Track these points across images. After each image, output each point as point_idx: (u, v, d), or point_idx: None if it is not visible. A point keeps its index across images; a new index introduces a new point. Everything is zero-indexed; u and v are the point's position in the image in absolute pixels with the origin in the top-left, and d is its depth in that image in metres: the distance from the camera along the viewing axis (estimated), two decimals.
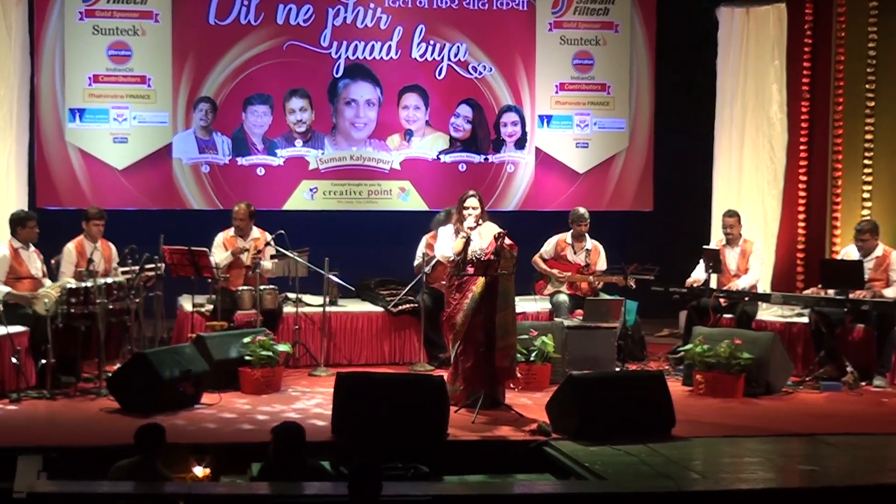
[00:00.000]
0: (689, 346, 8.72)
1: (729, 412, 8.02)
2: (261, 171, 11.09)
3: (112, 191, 10.70)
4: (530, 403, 8.09)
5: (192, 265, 9.06)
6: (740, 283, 9.41)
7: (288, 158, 11.12)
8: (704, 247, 9.73)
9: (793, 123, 10.58)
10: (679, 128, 11.56)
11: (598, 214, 10.45)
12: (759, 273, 9.52)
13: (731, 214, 9.57)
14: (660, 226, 11.64)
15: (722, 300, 9.43)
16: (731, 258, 9.55)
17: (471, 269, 7.82)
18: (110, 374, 7.93)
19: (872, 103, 10.01)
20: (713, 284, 9.43)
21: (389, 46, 11.07)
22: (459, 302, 7.88)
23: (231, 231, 9.63)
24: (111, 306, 8.21)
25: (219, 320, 9.06)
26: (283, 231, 9.29)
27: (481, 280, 7.77)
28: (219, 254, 9.46)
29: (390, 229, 11.16)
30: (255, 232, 9.65)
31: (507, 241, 7.83)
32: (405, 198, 11.33)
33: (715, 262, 9.33)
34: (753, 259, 9.47)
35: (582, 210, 9.95)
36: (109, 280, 8.38)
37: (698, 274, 9.44)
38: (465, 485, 6.22)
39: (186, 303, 9.49)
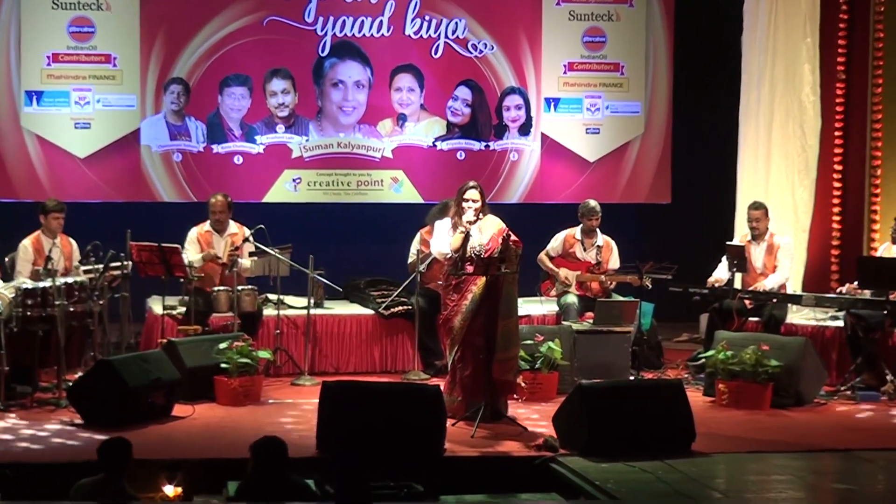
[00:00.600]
0: (710, 353, 8.75)
1: (755, 425, 8.03)
2: (238, 160, 11.13)
3: (73, 181, 10.73)
4: (535, 415, 8.12)
5: (162, 263, 9.05)
6: (767, 283, 9.43)
7: (268, 146, 11.14)
8: (728, 243, 9.75)
9: (827, 107, 10.62)
10: (700, 112, 11.60)
11: (610, 207, 10.45)
12: (788, 271, 9.54)
13: (758, 207, 9.60)
14: (678, 220, 11.68)
15: (747, 302, 9.44)
16: (757, 255, 9.57)
17: (470, 268, 7.84)
18: (71, 384, 7.94)
19: None
20: (737, 284, 9.46)
21: (381, 22, 11.11)
22: (457, 303, 7.91)
23: (206, 225, 9.65)
24: (72, 309, 8.22)
25: (192, 324, 9.09)
26: (262, 226, 9.29)
27: (482, 279, 7.80)
28: (192, 251, 9.47)
29: (381, 224, 11.19)
30: (233, 227, 9.66)
31: (511, 235, 7.91)
32: (398, 189, 11.35)
33: (739, 260, 9.34)
34: (782, 255, 9.50)
35: (592, 203, 9.95)
36: (70, 280, 8.39)
37: (721, 273, 9.46)
38: None
39: (156, 305, 9.50)
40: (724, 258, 9.45)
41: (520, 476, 6.87)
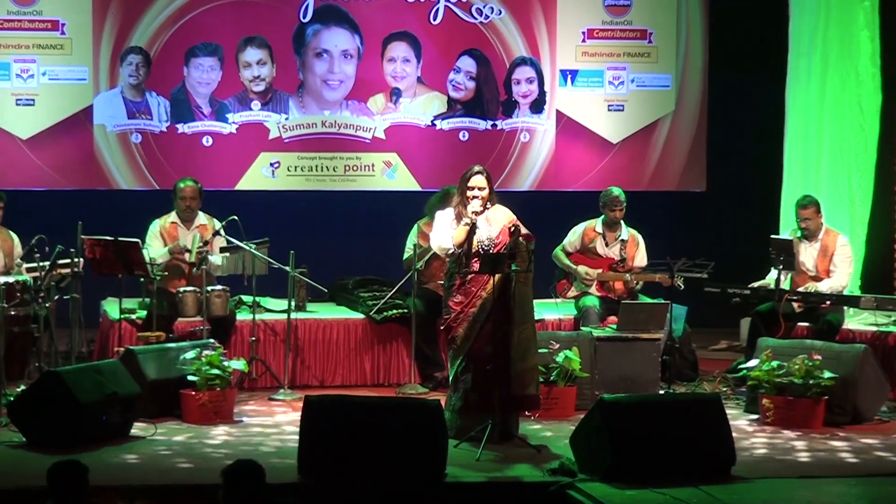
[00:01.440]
0: (753, 363, 8.73)
1: (805, 446, 8.00)
2: (207, 142, 11.18)
3: (14, 166, 10.80)
4: (550, 435, 8.13)
5: (119, 260, 9.02)
6: (822, 287, 9.48)
7: (242, 125, 11.18)
8: (773, 236, 9.76)
9: (889, 80, 10.62)
10: (740, 86, 11.65)
11: (636, 196, 10.42)
12: (846, 278, 9.57)
13: (807, 204, 9.60)
14: (715, 211, 11.71)
15: (796, 304, 9.47)
16: (808, 256, 9.62)
17: (476, 265, 7.86)
18: (13, 399, 7.87)
19: None
20: (785, 284, 9.49)
21: None
22: (463, 309, 7.94)
23: (172, 216, 9.67)
24: (13, 312, 8.26)
25: (154, 330, 9.09)
26: (236, 217, 9.29)
27: (491, 283, 7.84)
28: (154, 246, 9.49)
29: (373, 215, 11.26)
30: (201, 218, 9.69)
31: (522, 230, 7.91)
32: (392, 175, 11.37)
33: (786, 256, 9.35)
34: (839, 259, 9.52)
35: (616, 191, 9.93)
36: (10, 279, 8.42)
37: (770, 277, 9.52)
38: None
39: (112, 308, 9.49)
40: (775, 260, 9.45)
41: None
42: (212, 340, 8.88)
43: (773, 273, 9.47)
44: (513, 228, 7.77)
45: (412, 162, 11.37)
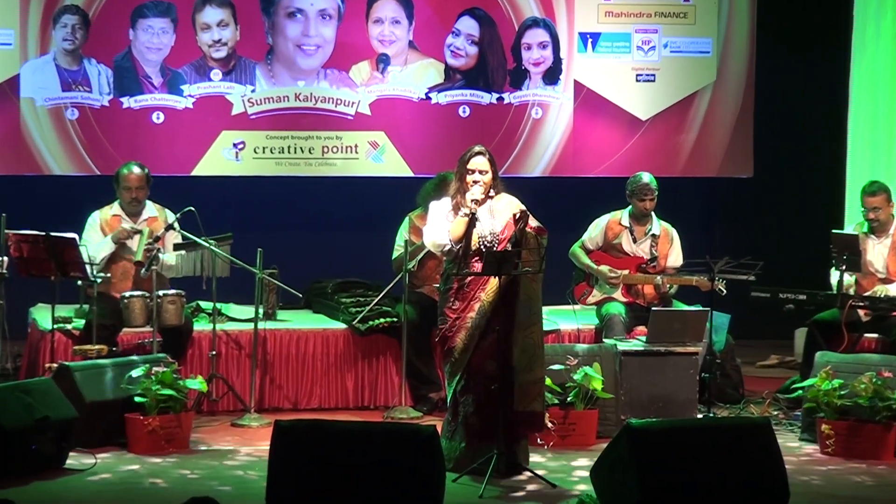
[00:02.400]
0: (810, 382, 8.71)
1: (873, 480, 7.97)
2: (158, 118, 11.17)
3: None
4: (566, 465, 8.14)
5: (51, 259, 8.98)
6: (893, 292, 9.49)
7: (200, 99, 11.16)
8: (835, 231, 9.74)
9: None
10: (795, 52, 11.68)
11: (670, 183, 10.42)
12: None
13: (876, 191, 9.63)
14: (764, 201, 11.76)
15: (862, 312, 9.46)
16: (877, 254, 9.64)
17: (477, 266, 7.87)
18: None
19: None
20: (850, 289, 9.49)
21: None
22: (461, 315, 7.95)
23: (115, 207, 9.65)
24: None
25: (94, 343, 9.03)
26: (192, 208, 9.29)
27: (493, 282, 7.83)
28: (94, 242, 9.43)
29: (356, 205, 11.26)
30: (151, 209, 9.67)
31: (532, 222, 7.87)
32: (378, 157, 11.35)
33: (850, 255, 9.35)
34: None
35: (646, 177, 9.89)
36: None
37: (832, 279, 9.54)
38: None
39: (43, 316, 9.48)
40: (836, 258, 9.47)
41: None
42: (164, 355, 8.86)
43: (835, 274, 9.46)
44: (518, 214, 7.82)
45: (403, 142, 11.35)
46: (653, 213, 9.90)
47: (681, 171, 11.51)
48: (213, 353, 9.46)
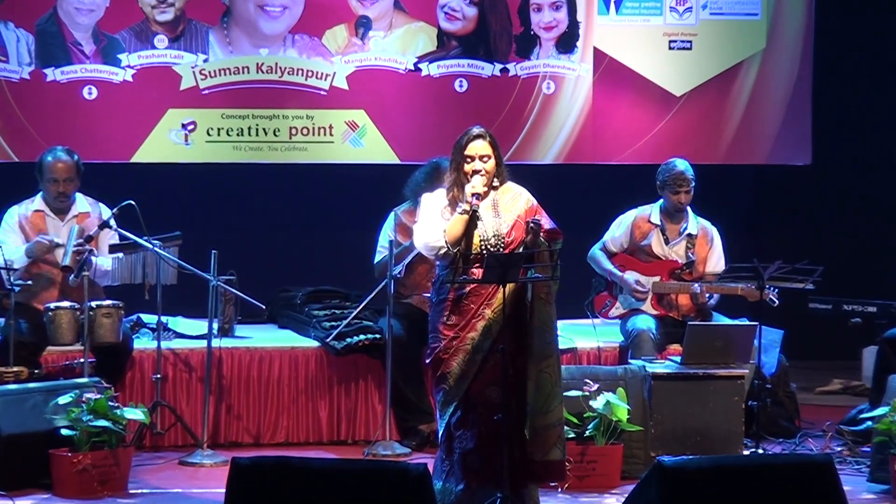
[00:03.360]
0: (881, 411, 8.68)
1: None
2: (90, 94, 11.20)
3: None
4: None
5: None
6: None
7: (142, 70, 11.18)
8: None
9: None
10: (861, 14, 11.73)
11: (710, 172, 10.51)
12: None
13: None
14: (824, 193, 11.79)
15: None
16: None
17: (477, 272, 7.81)
18: None
19: None
20: None
21: None
22: (458, 335, 7.92)
23: (37, 202, 9.64)
24: None
25: (11, 364, 8.96)
26: (132, 202, 9.27)
27: (498, 294, 7.82)
28: (11, 243, 9.43)
29: (330, 199, 11.34)
30: (81, 203, 9.68)
31: (545, 221, 7.88)
32: (357, 141, 11.36)
33: None
34: None
35: (681, 165, 9.88)
36: None
37: None
38: None
39: None
40: None
41: None
42: (97, 379, 8.82)
43: None
44: (532, 225, 7.81)
45: (387, 123, 11.38)
46: (689, 209, 9.89)
47: (723, 158, 11.53)
48: (158, 376, 9.45)
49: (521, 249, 7.81)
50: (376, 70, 11.40)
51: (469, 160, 7.89)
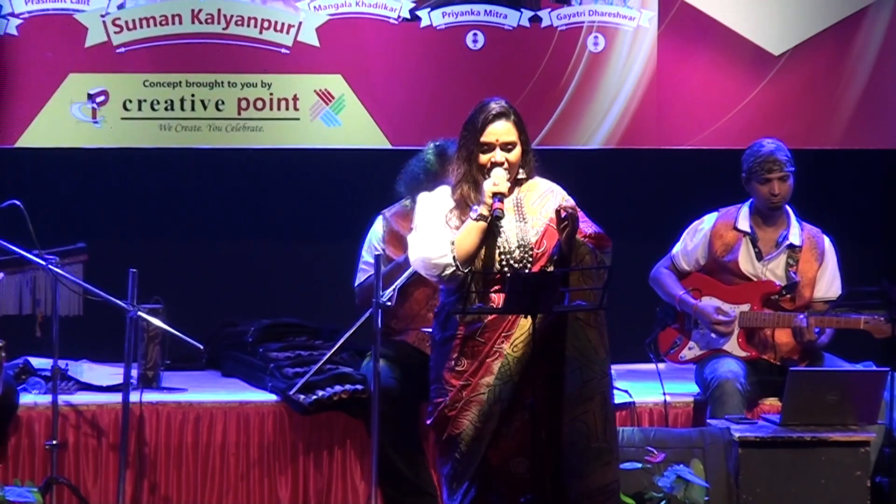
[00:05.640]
0: None
1: None
2: None
3: None
4: None
5: None
6: None
7: (30, 20, 10.64)
8: None
9: None
10: None
11: (820, 160, 10.49)
12: None
13: None
14: None
15: None
16: None
17: (497, 297, 7.40)
18: None
19: None
20: None
21: None
22: (470, 381, 7.50)
23: None
24: None
25: None
26: (18, 203, 8.76)
27: (523, 325, 7.39)
28: None
29: (295, 197, 11.01)
30: None
31: (586, 227, 7.47)
32: (331, 118, 10.73)
33: None
34: None
35: (771, 145, 9.29)
36: None
37: None
38: None
39: None
40: None
41: None
42: None
43: None
44: (565, 213, 7.34)
45: (373, 94, 10.75)
46: (791, 211, 9.25)
47: (839, 142, 10.77)
48: (54, 442, 8.82)
49: (551, 257, 7.46)
50: (358, 19, 10.65)
51: (486, 148, 7.50)
